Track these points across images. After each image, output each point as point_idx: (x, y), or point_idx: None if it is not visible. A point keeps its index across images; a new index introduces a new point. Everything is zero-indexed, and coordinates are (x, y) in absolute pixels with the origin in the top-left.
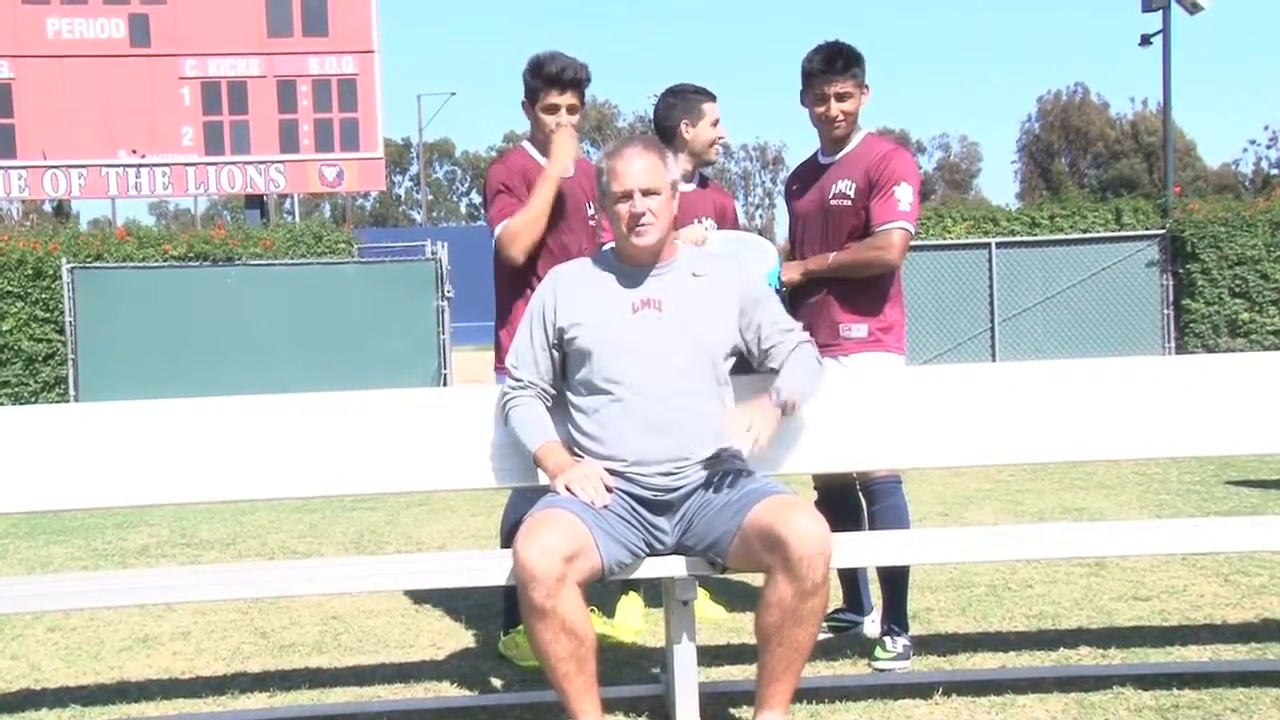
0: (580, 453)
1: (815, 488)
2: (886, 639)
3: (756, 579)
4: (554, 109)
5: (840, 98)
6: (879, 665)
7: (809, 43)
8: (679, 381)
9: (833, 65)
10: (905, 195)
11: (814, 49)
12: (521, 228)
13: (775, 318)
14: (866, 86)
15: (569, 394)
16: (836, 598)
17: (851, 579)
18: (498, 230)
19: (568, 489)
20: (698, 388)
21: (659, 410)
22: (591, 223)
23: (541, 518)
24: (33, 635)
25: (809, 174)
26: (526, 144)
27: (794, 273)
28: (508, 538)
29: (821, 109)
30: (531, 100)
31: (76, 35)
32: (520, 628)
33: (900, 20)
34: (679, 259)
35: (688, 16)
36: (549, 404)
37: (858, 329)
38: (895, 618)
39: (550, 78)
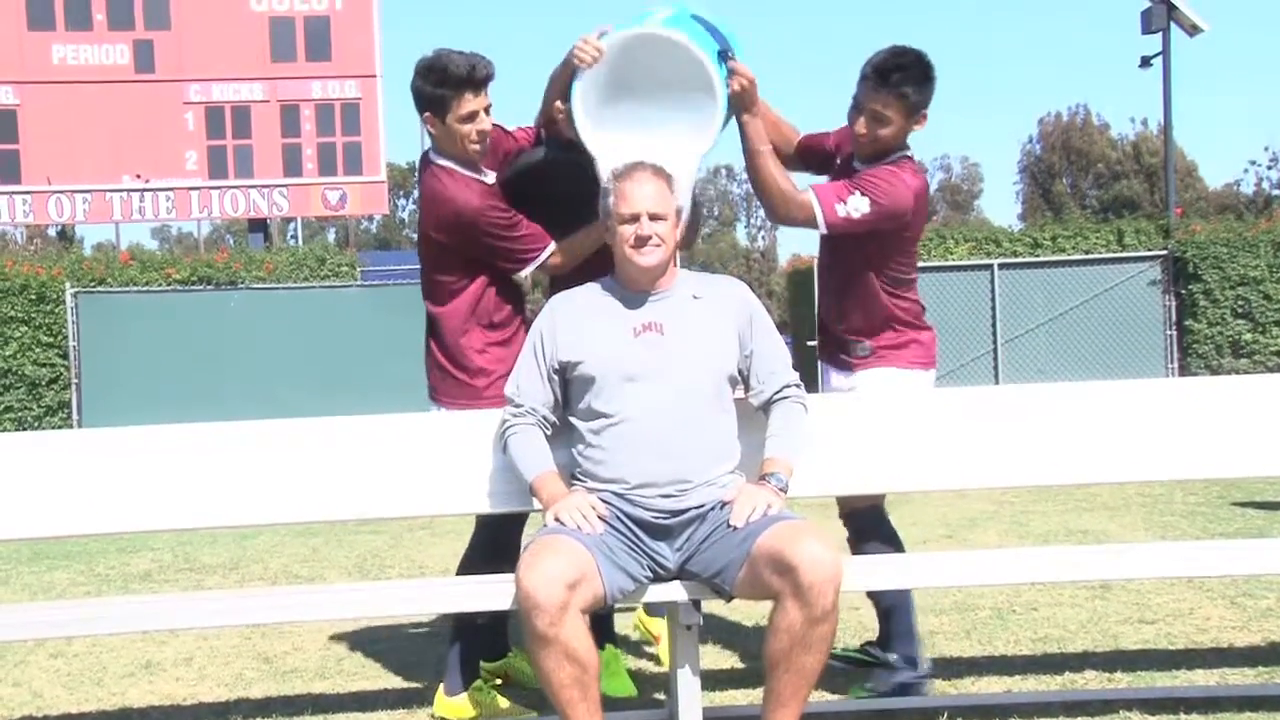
0: (583, 476)
1: (840, 515)
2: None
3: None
4: (473, 115)
5: (876, 119)
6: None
7: (809, 62)
8: (681, 404)
9: (882, 77)
10: (856, 204)
11: (886, 49)
12: (571, 258)
13: (769, 351)
14: (923, 113)
15: (572, 418)
16: (847, 630)
17: (887, 613)
18: (548, 255)
19: (557, 519)
20: (700, 410)
21: (661, 433)
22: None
23: (544, 544)
24: (35, 662)
25: (844, 170)
26: (445, 162)
27: (743, 88)
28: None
29: (853, 119)
30: (439, 112)
31: (82, 61)
32: (478, 685)
33: (900, 41)
34: (679, 283)
35: None
36: (548, 432)
37: (861, 348)
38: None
39: (463, 81)
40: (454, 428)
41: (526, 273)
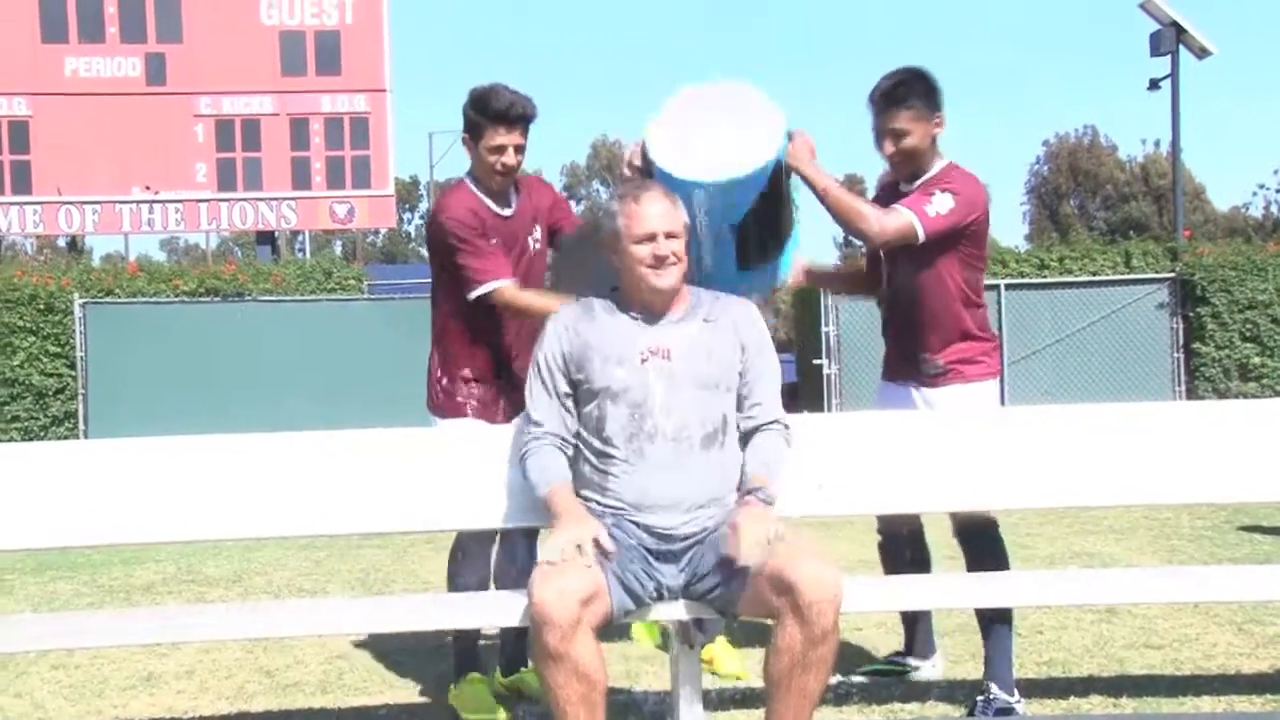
0: (586, 497)
1: (879, 530)
2: (979, 699)
3: (764, 623)
4: (500, 149)
5: (896, 135)
6: None
7: (812, 82)
8: (686, 429)
9: (888, 98)
10: (940, 201)
11: (884, 76)
12: (515, 305)
13: (765, 383)
14: (937, 116)
15: (577, 440)
16: (850, 651)
17: (912, 620)
18: (493, 289)
19: (547, 561)
20: (705, 436)
21: (665, 458)
22: (536, 245)
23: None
24: (37, 673)
25: (890, 198)
26: (469, 180)
27: (804, 164)
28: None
29: (879, 146)
30: (474, 137)
31: (94, 74)
32: (473, 677)
33: (908, 62)
34: (689, 306)
35: (697, 56)
36: (568, 452)
37: (933, 365)
38: (994, 674)
39: (497, 115)
40: (459, 442)
41: (471, 296)
